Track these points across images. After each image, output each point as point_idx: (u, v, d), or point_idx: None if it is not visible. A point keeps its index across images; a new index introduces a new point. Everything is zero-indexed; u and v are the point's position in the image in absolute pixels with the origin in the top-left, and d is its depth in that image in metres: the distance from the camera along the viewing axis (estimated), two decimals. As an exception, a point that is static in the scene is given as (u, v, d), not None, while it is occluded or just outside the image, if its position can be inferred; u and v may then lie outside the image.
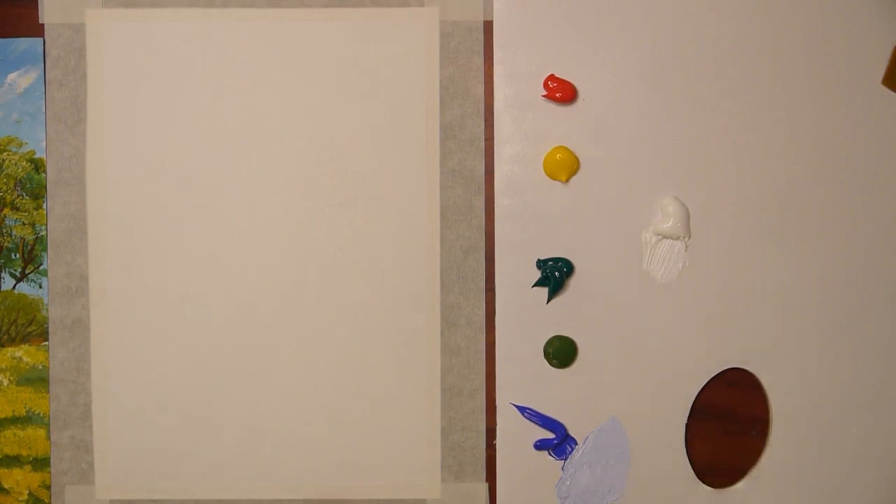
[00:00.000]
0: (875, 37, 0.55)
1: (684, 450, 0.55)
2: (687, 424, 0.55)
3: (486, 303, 0.55)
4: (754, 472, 0.56)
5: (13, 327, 0.55)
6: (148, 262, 0.55)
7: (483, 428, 0.56)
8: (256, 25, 0.55)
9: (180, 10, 0.55)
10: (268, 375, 0.55)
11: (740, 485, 0.56)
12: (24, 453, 0.55)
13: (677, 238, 0.55)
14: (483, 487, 0.56)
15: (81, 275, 0.55)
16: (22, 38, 0.55)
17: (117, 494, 0.56)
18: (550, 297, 0.55)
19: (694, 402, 0.55)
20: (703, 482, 0.56)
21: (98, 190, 0.55)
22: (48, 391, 0.55)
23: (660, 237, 0.55)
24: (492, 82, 0.55)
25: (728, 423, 0.56)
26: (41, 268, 0.55)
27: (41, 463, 0.56)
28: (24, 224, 0.55)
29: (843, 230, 0.55)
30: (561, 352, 0.55)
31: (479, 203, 0.55)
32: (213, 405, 0.55)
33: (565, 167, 0.54)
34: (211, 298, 0.55)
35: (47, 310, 0.55)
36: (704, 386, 0.55)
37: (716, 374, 0.55)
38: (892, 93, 0.55)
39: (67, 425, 0.55)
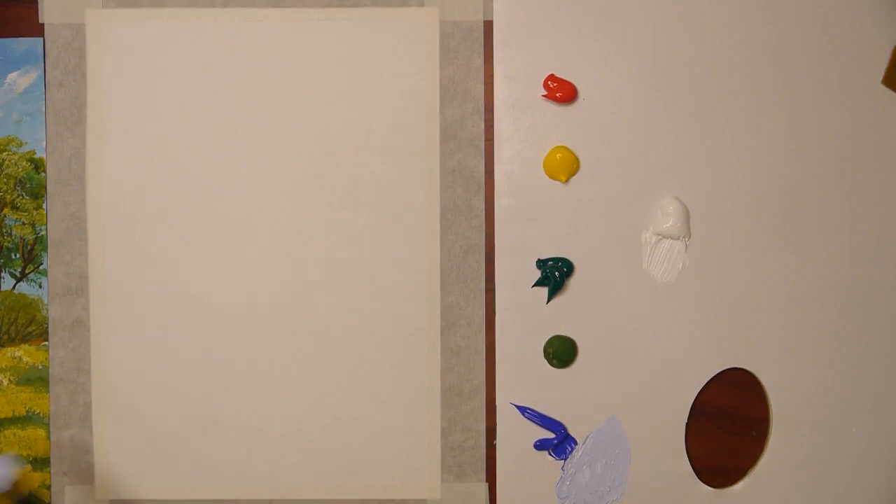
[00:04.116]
0: (875, 37, 0.55)
1: (684, 450, 0.55)
2: (687, 424, 0.55)
3: (486, 303, 0.55)
4: (754, 472, 0.56)
5: (13, 327, 0.55)
6: (148, 262, 0.55)
7: (483, 428, 0.56)
8: (256, 25, 0.55)
9: (180, 10, 0.55)
10: (268, 375, 0.55)
11: (740, 485, 0.56)
12: (24, 453, 0.55)
13: (677, 238, 0.55)
14: (483, 487, 0.56)
15: (81, 275, 0.55)
16: (22, 38, 0.55)
17: (117, 494, 0.56)
18: (550, 297, 0.55)
19: (694, 402, 0.55)
20: (703, 482, 0.56)
21: (98, 190, 0.55)
22: (48, 391, 0.55)
23: (660, 237, 0.55)
24: (492, 82, 0.55)
25: (728, 423, 0.56)
26: (41, 268, 0.55)
27: (41, 463, 0.55)
28: (24, 224, 0.55)
29: (843, 230, 0.55)
30: (561, 352, 0.55)
31: (479, 203, 0.55)
32: (213, 405, 0.55)
33: (565, 167, 0.54)
34: (211, 299, 0.55)
35: (47, 310, 0.55)
36: (704, 386, 0.55)
37: (716, 374, 0.55)
38: (892, 93, 0.55)
39: (67, 425, 0.55)
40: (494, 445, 0.55)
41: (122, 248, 0.55)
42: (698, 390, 0.55)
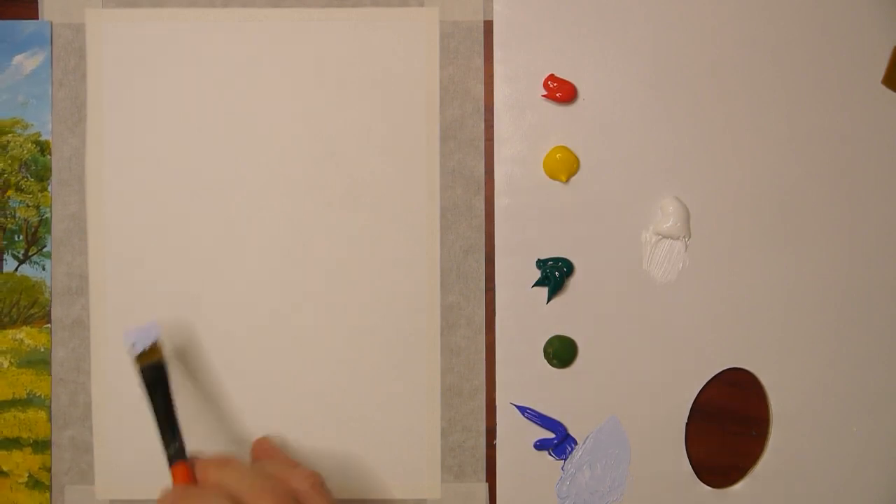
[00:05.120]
0: (875, 37, 0.55)
1: (684, 450, 0.55)
2: (687, 424, 0.55)
3: (486, 303, 0.55)
4: (754, 472, 0.56)
5: (15, 309, 0.55)
6: (148, 262, 0.55)
7: (483, 428, 0.56)
8: (256, 25, 0.55)
9: (180, 10, 0.55)
10: (268, 376, 0.55)
11: (740, 485, 0.56)
12: (25, 436, 0.55)
13: (677, 238, 0.55)
14: (483, 487, 0.56)
15: (81, 275, 0.55)
16: (29, 21, 0.55)
17: (117, 494, 0.56)
18: (550, 297, 0.55)
19: (694, 402, 0.55)
20: (703, 482, 0.56)
21: (98, 190, 0.55)
22: (49, 374, 0.55)
23: (660, 237, 0.55)
24: (492, 82, 0.55)
25: (728, 423, 0.56)
26: (44, 250, 0.55)
27: (41, 445, 0.55)
28: (28, 206, 0.55)
29: (843, 230, 0.55)
30: (561, 352, 0.55)
31: (479, 203, 0.55)
32: (212, 405, 0.55)
33: (565, 167, 0.54)
34: (211, 299, 0.55)
35: (50, 292, 0.55)
36: (704, 386, 0.55)
37: (716, 374, 0.55)
38: (892, 93, 0.55)
39: (67, 425, 0.55)
40: (494, 445, 0.55)
41: (122, 248, 0.55)
42: (698, 390, 0.55)
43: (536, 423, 0.55)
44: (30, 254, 0.55)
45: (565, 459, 0.55)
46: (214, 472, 0.46)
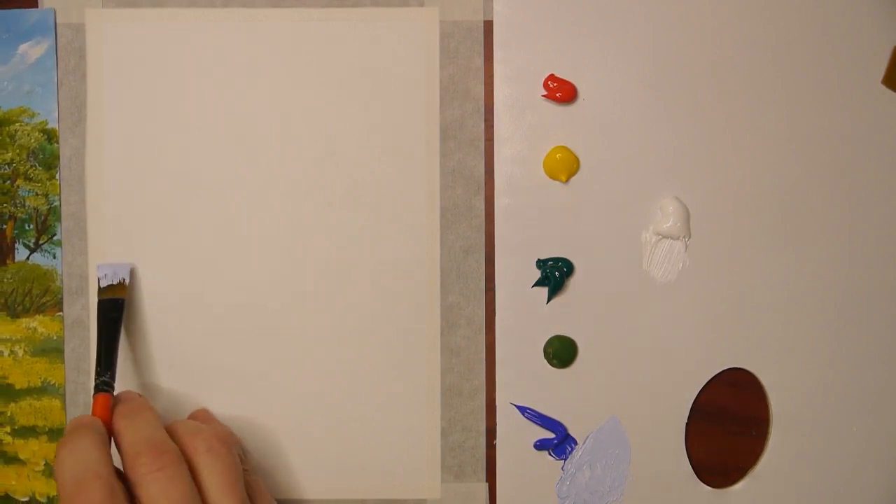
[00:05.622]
0: (875, 37, 0.55)
1: (684, 450, 0.55)
2: (687, 424, 0.55)
3: (486, 303, 0.55)
4: (754, 472, 0.56)
5: (27, 298, 0.55)
6: (148, 263, 0.55)
7: (483, 428, 0.56)
8: (256, 25, 0.55)
9: (180, 10, 0.55)
10: (267, 376, 0.55)
11: (740, 485, 0.56)
12: (40, 424, 0.55)
13: (677, 238, 0.55)
14: (483, 487, 0.56)
15: (81, 275, 0.55)
16: (33, 10, 0.55)
17: (117, 494, 0.55)
18: (550, 297, 0.55)
19: (694, 402, 0.55)
20: (703, 482, 0.56)
21: (98, 190, 0.55)
22: (62, 362, 0.55)
23: (660, 237, 0.55)
24: (492, 82, 0.55)
25: (728, 423, 0.56)
26: (55, 238, 0.55)
27: (56, 433, 0.55)
28: (37, 195, 0.55)
29: (843, 230, 0.55)
30: (561, 352, 0.55)
31: (479, 203, 0.55)
32: (212, 405, 0.55)
33: (565, 167, 0.54)
34: (210, 299, 0.55)
35: (61, 280, 0.55)
36: (704, 386, 0.55)
37: (716, 374, 0.55)
38: (892, 93, 0.55)
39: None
40: (494, 445, 0.55)
41: (122, 248, 0.55)
42: (698, 390, 0.55)
43: (536, 423, 0.55)
44: (40, 242, 0.55)
45: (565, 459, 0.55)
46: (121, 418, 0.47)
